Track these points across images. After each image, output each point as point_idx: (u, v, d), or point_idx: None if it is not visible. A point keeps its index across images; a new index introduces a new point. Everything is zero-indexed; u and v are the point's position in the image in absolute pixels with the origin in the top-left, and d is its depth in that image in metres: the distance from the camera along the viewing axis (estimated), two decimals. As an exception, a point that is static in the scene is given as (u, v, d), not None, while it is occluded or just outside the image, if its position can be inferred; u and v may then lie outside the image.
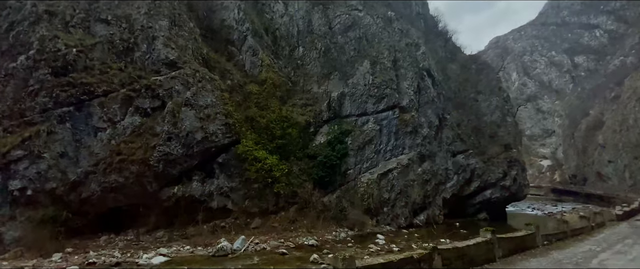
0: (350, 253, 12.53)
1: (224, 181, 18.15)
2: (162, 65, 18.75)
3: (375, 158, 22.38)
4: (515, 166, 26.99)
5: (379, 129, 22.72)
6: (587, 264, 7.14)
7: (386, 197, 21.41)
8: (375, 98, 23.10)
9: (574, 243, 10.44)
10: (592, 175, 56.25)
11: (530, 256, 8.25)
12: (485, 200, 26.13)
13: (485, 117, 28.66)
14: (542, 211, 34.41)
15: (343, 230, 18.99)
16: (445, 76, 29.41)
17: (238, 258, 13.64)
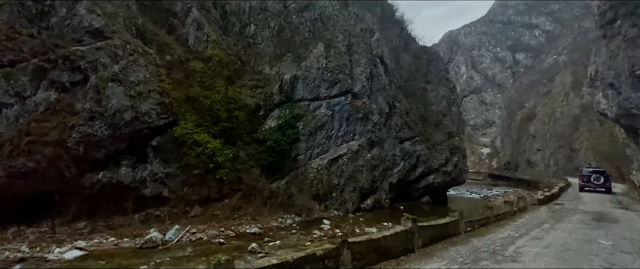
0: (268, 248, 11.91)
1: (158, 167, 16.48)
2: (86, 34, 16.23)
3: (326, 144, 21.91)
4: (457, 153, 28.32)
5: (331, 115, 22.19)
6: (503, 251, 7.14)
7: (335, 183, 21.17)
8: (328, 83, 22.42)
9: (495, 228, 10.56)
10: (524, 162, 61.96)
11: (451, 244, 8.21)
12: (429, 185, 27.18)
13: (432, 106, 29.51)
14: (478, 195, 36.98)
15: (290, 216, 18.43)
16: (398, 64, 29.58)
17: (168, 250, 12.44)
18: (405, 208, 24.30)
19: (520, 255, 6.79)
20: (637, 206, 17.87)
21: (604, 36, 17.20)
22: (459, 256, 6.79)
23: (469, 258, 6.65)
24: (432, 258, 6.61)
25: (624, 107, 17.27)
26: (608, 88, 18.47)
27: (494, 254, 6.92)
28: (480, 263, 6.16)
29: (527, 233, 9.64)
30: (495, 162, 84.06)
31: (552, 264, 5.95)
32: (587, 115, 44.21)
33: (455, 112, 31.07)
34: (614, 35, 16.35)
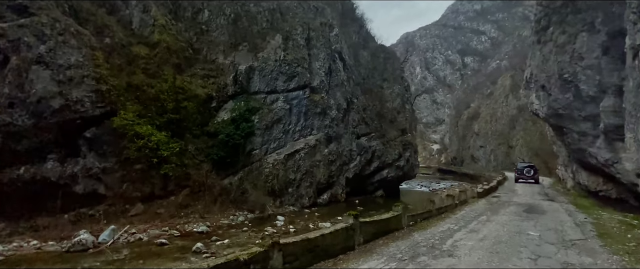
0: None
1: (93, 161, 14.79)
2: (7, 9, 13.98)
3: (283, 138, 21.39)
4: (409, 148, 29.44)
5: (288, 109, 21.67)
6: (441, 245, 7.30)
7: (292, 178, 20.79)
8: (286, 76, 21.83)
9: (437, 221, 10.81)
10: (468, 157, 66.72)
11: (393, 239, 8.07)
12: (383, 179, 27.94)
13: (387, 103, 30.30)
14: (427, 188, 38.98)
15: (242, 214, 17.69)
16: (357, 61, 29.84)
17: (101, 253, 11.18)
18: (360, 202, 24.75)
19: (456, 249, 6.92)
20: (561, 197, 19.91)
21: (539, 42, 18.74)
22: (399, 252, 6.76)
23: (407, 253, 6.62)
24: (372, 255, 6.48)
25: (552, 107, 18.99)
26: (540, 90, 20.21)
27: (432, 248, 6.99)
28: (418, 259, 6.16)
29: (465, 225, 9.97)
30: (444, 157, 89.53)
31: (485, 257, 6.15)
32: (523, 115, 48.64)
33: (409, 110, 32.25)
34: (546, 41, 17.87)
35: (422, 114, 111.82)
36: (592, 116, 16.68)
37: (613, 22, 13.07)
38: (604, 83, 15.09)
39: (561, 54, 16.78)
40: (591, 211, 14.28)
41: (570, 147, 20.24)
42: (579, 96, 16.93)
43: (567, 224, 10.04)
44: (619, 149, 15.26)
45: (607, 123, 15.62)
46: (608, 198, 18.53)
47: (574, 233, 8.73)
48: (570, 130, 18.69)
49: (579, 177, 21.77)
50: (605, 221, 11.14)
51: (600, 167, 17.44)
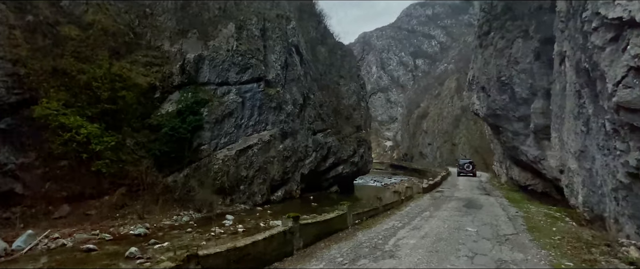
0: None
1: (8, 156, 12.67)
2: None
3: (235, 133, 20.37)
4: (364, 145, 30.03)
5: (241, 102, 20.68)
6: (384, 245, 7.28)
7: (244, 175, 19.91)
8: (239, 67, 20.78)
9: (383, 219, 10.79)
10: (417, 154, 70.42)
11: (336, 241, 7.74)
12: (338, 175, 28.15)
13: (344, 100, 30.56)
14: (380, 183, 40.28)
15: (187, 213, 16.49)
16: (314, 57, 29.55)
17: (14, 262, 9.55)
18: (315, 198, 24.63)
19: (398, 249, 6.82)
20: (496, 191, 21.50)
21: (481, 46, 20.05)
22: (340, 254, 6.46)
23: (349, 256, 6.37)
24: (311, 261, 6.12)
25: (491, 108, 20.46)
26: (481, 91, 21.67)
27: (374, 249, 6.83)
28: (359, 262, 5.90)
29: (409, 222, 10.11)
30: (396, 153, 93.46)
31: (425, 257, 6.18)
32: (466, 115, 52.43)
33: (364, 107, 32.86)
34: (487, 46, 19.16)
35: (377, 112, 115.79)
36: (524, 116, 18.19)
37: (544, 30, 14.32)
38: (535, 86, 16.50)
39: (500, 57, 18.08)
40: (521, 204, 15.20)
41: (505, 145, 21.98)
42: (514, 98, 18.37)
43: (501, 219, 10.66)
44: (546, 147, 16.82)
45: (536, 123, 17.15)
46: (535, 192, 20.48)
47: (507, 227, 9.25)
48: (506, 129, 20.28)
49: (511, 172, 23.79)
50: (533, 214, 12.04)
51: (530, 163, 19.16)
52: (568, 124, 11.27)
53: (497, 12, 17.92)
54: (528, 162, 19.31)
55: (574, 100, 10.08)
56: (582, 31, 6.79)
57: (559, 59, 12.01)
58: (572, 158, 10.98)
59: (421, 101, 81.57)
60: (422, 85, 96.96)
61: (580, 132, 9.66)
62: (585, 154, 9.56)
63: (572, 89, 10.26)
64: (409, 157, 73.57)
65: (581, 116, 9.46)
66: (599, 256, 5.95)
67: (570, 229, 8.90)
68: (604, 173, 7.90)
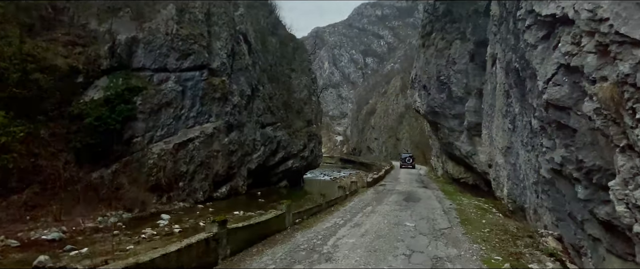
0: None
1: None
2: None
3: (173, 125, 18.67)
4: (314, 139, 29.90)
5: (181, 91, 18.99)
6: (322, 246, 7.00)
7: (183, 170, 18.38)
8: (179, 53, 19.01)
9: (325, 216, 10.47)
10: (365, 148, 72.96)
11: (271, 245, 7.18)
12: (287, 169, 27.65)
13: (295, 94, 30.01)
14: (329, 176, 40.75)
15: (116, 213, 14.67)
16: (264, 47, 28.45)
17: None
18: (262, 194, 23.84)
19: (336, 250, 6.57)
20: (433, 184, 22.82)
21: (423, 45, 21.03)
22: (272, 261, 5.94)
23: (282, 262, 5.90)
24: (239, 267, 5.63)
25: (430, 105, 21.63)
26: (422, 89, 22.81)
27: (312, 252, 6.43)
28: (294, 268, 5.59)
29: (351, 219, 9.92)
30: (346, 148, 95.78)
31: (363, 258, 5.95)
32: (409, 112, 55.48)
33: (315, 101, 32.69)
34: (429, 46, 20.15)
35: (329, 108, 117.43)
36: (459, 114, 19.49)
37: (479, 33, 15.39)
38: (469, 86, 17.70)
39: (440, 58, 19.08)
40: (455, 197, 16.14)
41: (442, 141, 23.48)
42: (451, 97, 19.55)
43: (437, 212, 11.13)
44: (477, 143, 18.19)
45: (469, 121, 18.44)
46: (467, 184, 22.21)
47: (443, 221, 9.66)
48: (443, 126, 21.61)
49: (446, 166, 25.58)
50: (465, 206, 12.80)
51: (463, 158, 20.68)
52: (497, 122, 12.13)
53: (438, 14, 18.84)
54: (461, 157, 20.80)
55: (503, 100, 10.85)
56: (515, 32, 7.19)
57: (491, 60, 12.85)
58: (499, 154, 11.83)
59: (370, 98, 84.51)
60: (371, 82, 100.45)
61: (508, 130, 10.43)
62: (511, 150, 10.35)
63: (501, 89, 11.03)
64: (358, 152, 75.89)
65: (509, 114, 10.21)
66: (523, 249, 6.39)
67: (498, 221, 9.61)
68: (526, 168, 8.60)
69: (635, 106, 2.92)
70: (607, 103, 3.31)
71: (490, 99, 13.42)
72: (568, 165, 5.24)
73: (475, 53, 16.33)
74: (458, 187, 22.14)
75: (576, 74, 4.58)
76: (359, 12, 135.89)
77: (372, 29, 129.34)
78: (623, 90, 3.04)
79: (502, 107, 11.27)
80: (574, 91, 4.79)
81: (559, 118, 5.20)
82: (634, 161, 3.15)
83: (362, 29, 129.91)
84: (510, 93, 9.72)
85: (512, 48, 7.81)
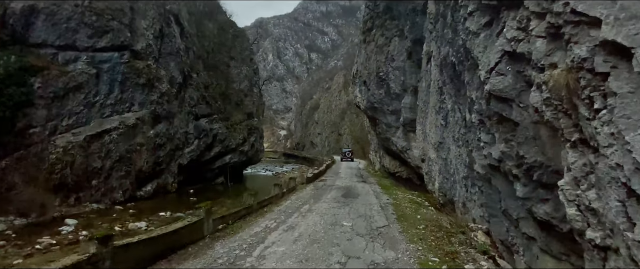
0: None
1: None
2: None
3: (85, 113, 15.79)
4: (255, 133, 28.42)
5: (95, 74, 16.12)
6: (247, 256, 6.01)
7: (97, 167, 15.68)
8: (93, 29, 16.08)
9: (256, 219, 9.39)
10: (309, 143, 73.07)
11: (180, 260, 5.96)
12: (225, 165, 25.81)
13: (234, 84, 28.06)
14: (271, 172, 39.57)
15: (5, 219, 11.81)
16: (200, 32, 25.96)
17: None
18: (196, 191, 21.76)
19: (262, 262, 5.66)
20: (371, 178, 23.01)
21: (364, 41, 21.18)
22: None
23: None
24: None
25: (370, 101, 21.96)
26: (362, 85, 23.08)
27: (232, 265, 5.56)
28: None
29: (285, 220, 9.06)
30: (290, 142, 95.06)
31: None
32: (350, 109, 56.85)
33: (256, 93, 31.07)
34: (370, 41, 20.33)
35: (273, 101, 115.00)
36: (396, 110, 20.04)
37: (416, 31, 15.78)
38: (406, 83, 18.21)
39: (379, 54, 19.31)
40: (391, 191, 16.26)
41: (380, 136, 24.12)
42: (389, 93, 20.00)
43: (375, 208, 10.76)
44: (411, 139, 18.87)
45: (405, 117, 19.03)
46: (401, 178, 23.16)
47: (380, 218, 9.31)
48: (381, 121, 22.13)
49: (384, 161, 26.44)
50: (400, 201, 12.67)
51: (398, 153, 21.43)
52: (430, 118, 12.43)
53: (379, 10, 19.00)
54: (397, 152, 21.55)
55: (436, 96, 11.09)
56: (452, 25, 7.14)
57: (426, 58, 13.13)
58: (432, 149, 12.14)
59: (314, 93, 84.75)
60: (315, 78, 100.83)
61: (440, 126, 10.68)
62: (442, 145, 10.63)
63: (435, 86, 11.26)
64: (301, 147, 75.66)
65: (441, 111, 10.43)
66: (458, 247, 6.38)
67: (432, 216, 9.73)
68: (457, 163, 8.77)
69: (592, 95, 2.70)
70: (559, 92, 3.10)
71: (425, 95, 13.77)
72: (507, 161, 5.02)
73: (413, 51, 16.77)
74: (394, 181, 22.90)
75: (521, 62, 4.38)
76: (304, 7, 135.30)
77: (317, 25, 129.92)
78: (578, 76, 2.82)
79: (435, 103, 11.52)
80: (518, 81, 4.58)
81: (500, 110, 4.93)
82: (587, 157, 2.95)
83: (307, 23, 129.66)
84: (443, 90, 9.88)
85: (448, 42, 7.79)
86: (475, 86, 5.80)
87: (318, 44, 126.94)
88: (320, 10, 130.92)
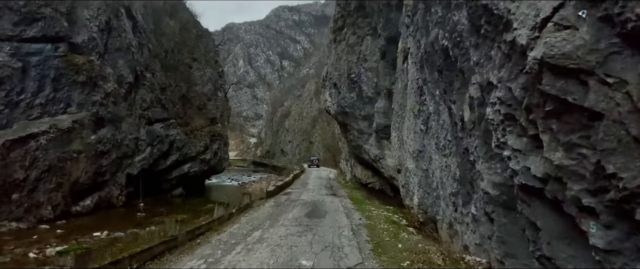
0: None
1: None
2: None
3: (6, 114, 13.26)
4: (218, 140, 26.28)
5: (20, 68, 13.64)
6: None
7: (19, 178, 13.11)
8: (19, 15, 13.63)
9: (178, 257, 6.89)
10: (279, 151, 71.03)
11: None
12: (183, 174, 23.42)
13: (196, 87, 25.89)
14: (238, 181, 37.24)
15: None
16: (159, 29, 23.73)
17: None
18: (147, 205, 19.23)
19: None
20: (341, 191, 20.16)
21: (335, 41, 19.80)
22: None
23: None
24: None
25: (341, 105, 20.21)
26: (332, 88, 21.51)
27: None
28: None
29: (219, 260, 6.52)
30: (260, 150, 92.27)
31: None
32: (321, 116, 55.93)
33: (221, 98, 28.99)
34: (341, 41, 18.94)
35: (243, 108, 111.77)
36: (369, 115, 18.43)
37: (390, 28, 14.70)
38: (379, 86, 17.00)
39: (351, 54, 17.88)
40: (364, 205, 14.43)
41: (351, 144, 22.48)
42: (361, 96, 18.37)
43: (345, 233, 8.85)
44: (385, 147, 17.63)
45: (378, 123, 17.46)
46: (374, 189, 21.55)
47: (351, 250, 7.25)
48: (352, 127, 20.28)
49: (355, 170, 24.52)
50: (375, 220, 10.95)
51: (371, 162, 19.97)
52: (408, 123, 11.29)
53: (350, 8, 17.86)
54: (370, 161, 20.13)
55: (415, 98, 9.96)
56: (443, 1, 5.96)
57: (402, 56, 11.96)
58: (410, 158, 10.93)
59: (285, 100, 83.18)
60: (287, 85, 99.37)
61: (420, 132, 9.54)
62: (422, 154, 9.43)
63: (413, 86, 10.15)
64: (271, 155, 73.41)
65: (421, 114, 9.32)
66: None
67: (416, 244, 7.75)
68: (442, 175, 7.45)
69: None
70: None
71: (401, 98, 12.61)
72: (570, 181, 3.10)
73: (386, 50, 15.59)
74: (366, 193, 21.25)
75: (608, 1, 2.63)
76: (277, 15, 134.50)
77: (289, 33, 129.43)
78: None
79: (413, 106, 10.40)
80: (604, 37, 2.75)
81: (562, 92, 3.02)
82: None
83: (279, 31, 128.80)
84: (423, 90, 8.78)
85: (437, 24, 6.63)
86: (499, 62, 4.04)
87: (290, 52, 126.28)
88: (293, 19, 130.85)
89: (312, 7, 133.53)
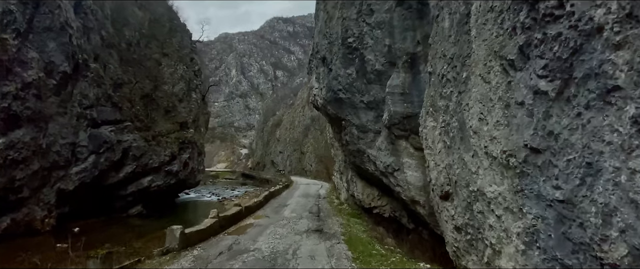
0: None
1: None
2: None
3: None
4: (189, 148, 22.05)
5: None
6: None
7: None
8: None
9: None
10: (269, 162, 66.75)
11: None
12: (143, 189, 19.06)
13: (165, 86, 21.86)
14: (218, 196, 32.77)
15: None
16: (122, 17, 19.87)
17: None
18: (85, 229, 14.84)
19: None
20: (333, 218, 14.22)
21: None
22: None
23: None
24: None
25: (332, 89, 12.41)
26: (320, 65, 13.90)
27: None
28: None
29: None
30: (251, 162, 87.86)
31: None
32: (314, 125, 52.17)
33: (196, 99, 24.93)
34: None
35: (235, 118, 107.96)
36: (376, 101, 11.12)
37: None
38: (395, 50, 9.79)
39: (348, 7, 11.07)
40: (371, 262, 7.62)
41: (347, 148, 14.03)
42: (363, 71, 11.30)
43: None
44: (403, 151, 10.10)
45: (393, 112, 9.91)
46: (382, 217, 14.07)
47: None
48: (349, 123, 12.70)
49: (354, 188, 16.10)
50: None
51: (379, 176, 12.02)
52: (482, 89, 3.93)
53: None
54: (376, 175, 12.08)
55: (498, 28, 3.41)
56: None
57: None
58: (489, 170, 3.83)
59: (277, 110, 79.65)
60: (280, 95, 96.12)
61: (525, 105, 2.70)
62: (539, 158, 2.89)
63: (494, 19, 3.73)
64: (261, 166, 69.14)
65: (533, 59, 2.79)
66: None
67: None
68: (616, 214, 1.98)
69: None
70: None
71: (452, 48, 5.23)
72: None
73: None
74: (370, 222, 13.88)
75: None
76: (271, 25, 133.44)
77: (283, 44, 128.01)
78: None
79: (499, 47, 3.30)
80: None
81: None
82: None
83: (273, 41, 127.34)
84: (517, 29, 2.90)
85: None
86: None
87: (284, 62, 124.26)
88: (288, 30, 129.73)
89: (307, 18, 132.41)
